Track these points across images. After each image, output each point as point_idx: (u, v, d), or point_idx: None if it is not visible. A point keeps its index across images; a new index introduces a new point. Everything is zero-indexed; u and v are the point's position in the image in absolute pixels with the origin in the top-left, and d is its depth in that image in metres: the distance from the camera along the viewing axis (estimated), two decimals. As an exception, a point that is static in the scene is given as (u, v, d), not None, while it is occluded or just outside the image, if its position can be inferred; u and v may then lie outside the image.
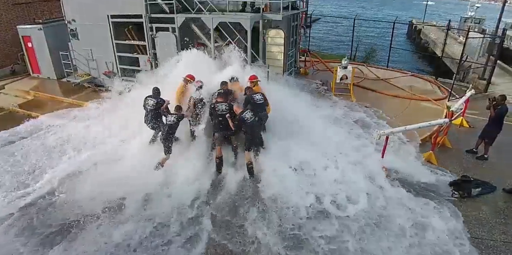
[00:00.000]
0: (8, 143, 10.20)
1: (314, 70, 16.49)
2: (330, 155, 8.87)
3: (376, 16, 50.82)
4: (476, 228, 6.98)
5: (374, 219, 7.06)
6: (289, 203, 7.39)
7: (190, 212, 7.18)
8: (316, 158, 8.65)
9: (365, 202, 7.42)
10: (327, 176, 8.17)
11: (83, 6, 12.94)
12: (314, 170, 8.32)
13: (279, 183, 7.81)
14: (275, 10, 11.90)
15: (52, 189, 7.96)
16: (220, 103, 8.23)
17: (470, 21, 33.79)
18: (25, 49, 15.80)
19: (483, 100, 13.81)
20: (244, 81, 9.29)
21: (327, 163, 8.58)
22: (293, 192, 7.63)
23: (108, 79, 13.47)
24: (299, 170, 8.32)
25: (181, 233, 6.67)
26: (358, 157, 8.98)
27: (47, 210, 7.32)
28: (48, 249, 6.36)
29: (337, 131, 10.29)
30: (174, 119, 8.27)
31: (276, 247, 6.36)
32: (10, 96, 14.35)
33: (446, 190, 8.01)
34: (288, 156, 8.61)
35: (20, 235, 6.70)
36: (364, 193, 7.67)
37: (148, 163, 8.35)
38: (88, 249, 6.34)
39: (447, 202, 7.62)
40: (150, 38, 12.16)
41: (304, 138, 9.26)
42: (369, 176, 8.27)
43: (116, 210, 7.25)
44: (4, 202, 7.56)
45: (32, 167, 8.82)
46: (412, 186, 8.08)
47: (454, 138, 10.43)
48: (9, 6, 16.45)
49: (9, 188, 8.04)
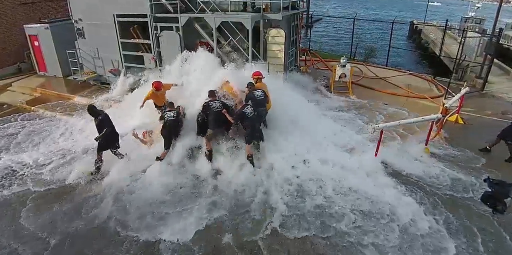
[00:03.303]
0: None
1: (314, 68, 16.83)
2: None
3: (378, 17, 50.98)
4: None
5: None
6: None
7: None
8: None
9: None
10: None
11: (90, 6, 13.31)
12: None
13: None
14: (276, 10, 12.23)
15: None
16: (213, 101, 8.63)
17: (471, 21, 33.94)
18: (32, 48, 16.19)
19: (479, 98, 14.19)
20: (243, 80, 9.66)
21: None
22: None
23: (114, 76, 13.83)
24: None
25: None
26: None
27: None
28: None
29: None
30: (173, 114, 8.73)
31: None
32: (17, 93, 14.75)
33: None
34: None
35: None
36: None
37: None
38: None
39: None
40: (155, 37, 12.52)
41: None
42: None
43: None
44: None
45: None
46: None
47: (450, 135, 10.75)
48: (16, 5, 16.86)
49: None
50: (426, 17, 43.21)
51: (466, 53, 17.63)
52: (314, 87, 14.30)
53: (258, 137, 8.97)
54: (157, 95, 9.61)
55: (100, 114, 8.43)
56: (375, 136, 9.29)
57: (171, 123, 8.68)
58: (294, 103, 10.76)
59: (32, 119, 12.08)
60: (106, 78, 14.49)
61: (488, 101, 13.91)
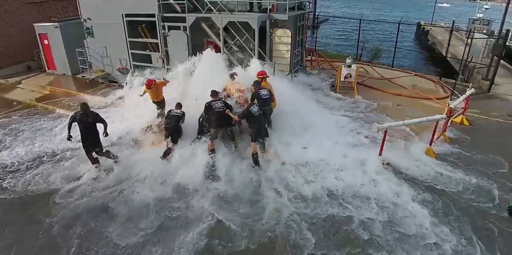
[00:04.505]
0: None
1: (320, 68, 16.92)
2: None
3: (385, 18, 50.80)
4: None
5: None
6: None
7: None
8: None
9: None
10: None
11: (99, 5, 13.54)
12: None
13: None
14: (282, 10, 12.33)
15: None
16: (215, 102, 8.74)
17: (479, 23, 33.68)
18: (41, 46, 16.47)
19: (485, 100, 14.15)
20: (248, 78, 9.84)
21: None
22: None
23: (122, 75, 14.03)
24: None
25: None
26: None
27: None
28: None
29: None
30: (180, 112, 9.02)
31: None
32: (27, 90, 15.01)
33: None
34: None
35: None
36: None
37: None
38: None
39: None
40: (162, 36, 12.70)
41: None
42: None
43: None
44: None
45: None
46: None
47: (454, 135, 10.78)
48: (25, 4, 17.11)
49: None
50: (434, 18, 42.95)
51: (473, 54, 17.55)
52: (320, 87, 14.38)
53: (264, 135, 9.09)
54: (151, 91, 10.04)
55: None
56: (379, 136, 9.34)
57: (175, 120, 8.93)
58: (300, 102, 10.85)
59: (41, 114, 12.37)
60: (114, 77, 14.71)
61: (494, 103, 13.86)
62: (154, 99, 10.19)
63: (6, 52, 16.53)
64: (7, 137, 10.68)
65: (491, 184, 8.23)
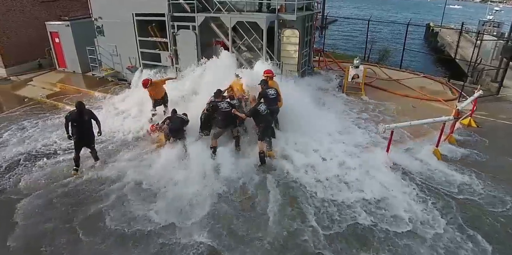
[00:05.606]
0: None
1: (327, 69, 16.95)
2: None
3: (395, 19, 50.55)
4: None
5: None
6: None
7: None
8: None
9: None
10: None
11: (110, 5, 13.71)
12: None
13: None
14: (291, 10, 12.39)
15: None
16: (221, 102, 8.87)
17: (489, 25, 33.40)
18: (52, 44, 16.71)
19: (494, 102, 14.06)
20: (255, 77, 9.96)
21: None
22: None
23: (131, 73, 14.20)
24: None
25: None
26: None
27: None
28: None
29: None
30: (183, 115, 9.40)
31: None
32: (38, 87, 15.27)
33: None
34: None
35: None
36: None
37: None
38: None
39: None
40: (172, 35, 12.84)
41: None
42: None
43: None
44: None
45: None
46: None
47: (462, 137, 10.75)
48: (36, 3, 17.37)
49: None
50: (444, 20, 42.63)
51: (482, 56, 17.45)
52: (327, 87, 14.41)
53: (270, 134, 9.16)
54: (151, 90, 10.29)
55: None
56: (386, 136, 9.37)
57: (180, 122, 9.23)
58: (307, 103, 10.90)
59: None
60: (124, 75, 14.88)
61: (503, 105, 13.76)
62: (156, 97, 10.37)
63: (18, 50, 16.79)
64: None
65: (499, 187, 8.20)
